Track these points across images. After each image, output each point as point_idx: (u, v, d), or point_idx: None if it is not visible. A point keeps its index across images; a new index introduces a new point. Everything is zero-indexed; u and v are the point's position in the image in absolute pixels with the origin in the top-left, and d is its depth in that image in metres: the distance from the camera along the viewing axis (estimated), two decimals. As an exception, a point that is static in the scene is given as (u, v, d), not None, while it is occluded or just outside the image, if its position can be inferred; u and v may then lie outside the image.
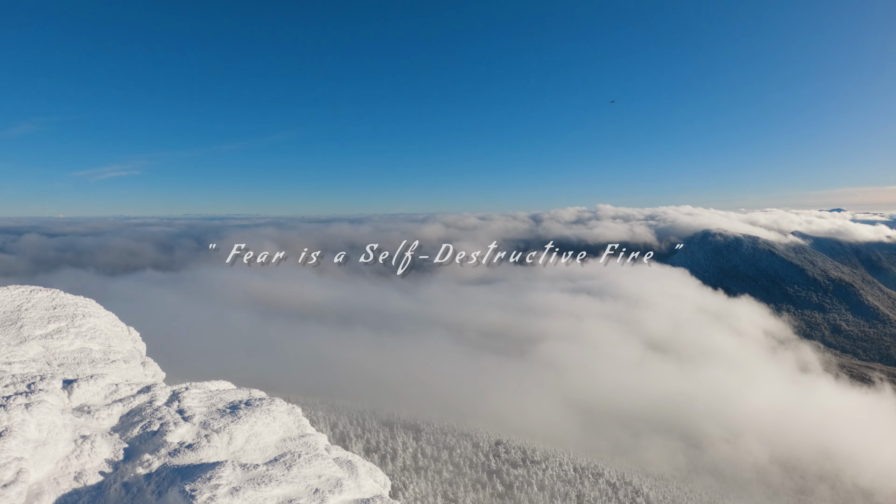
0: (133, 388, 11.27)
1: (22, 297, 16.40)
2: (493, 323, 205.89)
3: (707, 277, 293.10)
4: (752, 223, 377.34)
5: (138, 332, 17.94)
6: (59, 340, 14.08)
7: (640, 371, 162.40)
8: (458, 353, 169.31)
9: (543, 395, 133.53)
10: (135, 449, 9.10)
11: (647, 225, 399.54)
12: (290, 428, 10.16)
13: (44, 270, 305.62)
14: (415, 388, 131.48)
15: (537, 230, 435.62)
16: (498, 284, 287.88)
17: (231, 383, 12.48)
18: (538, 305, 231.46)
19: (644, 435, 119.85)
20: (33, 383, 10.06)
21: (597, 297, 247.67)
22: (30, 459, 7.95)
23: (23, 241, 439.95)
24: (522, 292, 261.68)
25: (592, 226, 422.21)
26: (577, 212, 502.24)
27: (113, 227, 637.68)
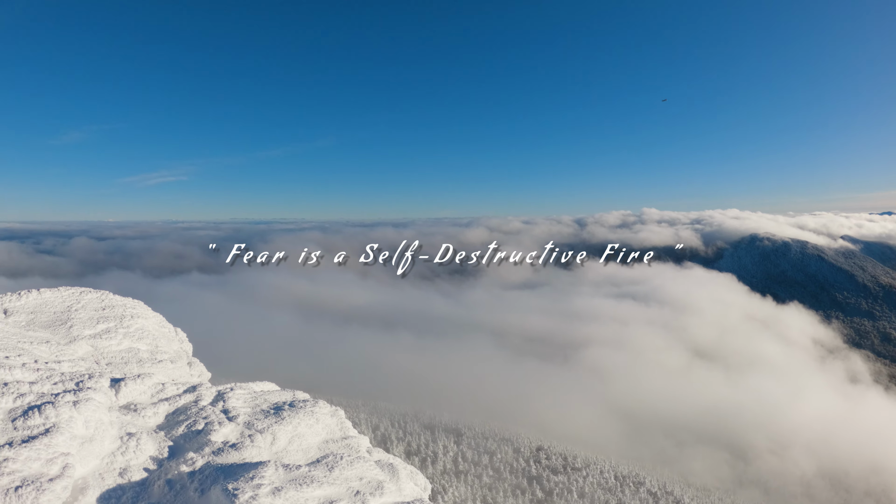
0: (179, 388, 11.43)
1: (72, 298, 16.74)
2: (537, 328, 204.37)
3: (754, 283, 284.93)
4: (800, 227, 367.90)
5: (184, 333, 18.21)
6: (107, 340, 14.33)
7: (686, 379, 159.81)
8: (501, 358, 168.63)
9: (587, 402, 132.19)
10: (179, 447, 9.22)
11: (692, 229, 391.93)
12: (333, 430, 10.20)
13: (92, 272, 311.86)
14: (457, 392, 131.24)
15: (582, 234, 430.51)
16: (542, 289, 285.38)
17: (275, 384, 12.57)
18: (582, 310, 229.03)
19: (688, 445, 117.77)
20: (81, 381, 10.21)
21: (642, 302, 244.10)
22: (76, 455, 8.07)
23: (72, 244, 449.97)
24: (566, 297, 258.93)
25: (637, 230, 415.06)
26: (622, 215, 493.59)
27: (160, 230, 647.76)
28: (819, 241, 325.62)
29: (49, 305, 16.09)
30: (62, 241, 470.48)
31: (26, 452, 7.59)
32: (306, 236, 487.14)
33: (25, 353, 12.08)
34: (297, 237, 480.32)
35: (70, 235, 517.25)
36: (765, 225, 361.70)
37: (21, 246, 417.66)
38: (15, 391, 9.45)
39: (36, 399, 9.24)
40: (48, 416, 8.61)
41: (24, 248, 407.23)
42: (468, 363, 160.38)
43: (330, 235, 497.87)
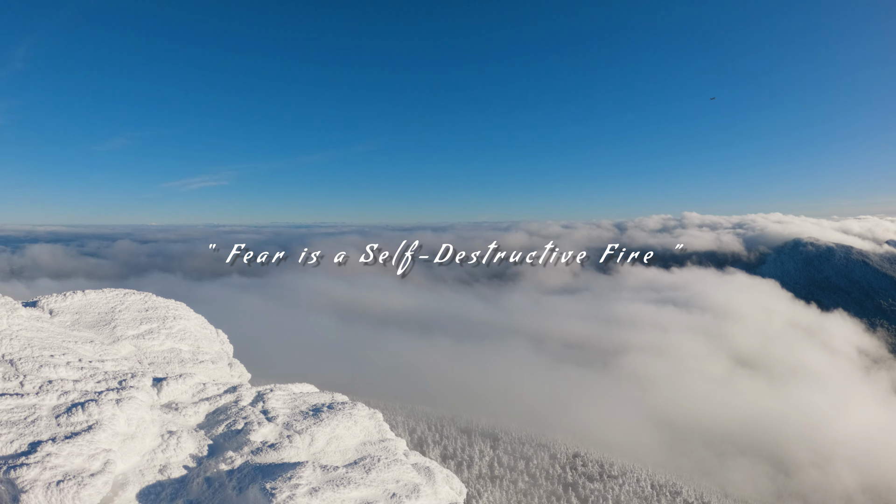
0: (220, 388, 11.60)
1: (116, 299, 17.02)
2: (576, 333, 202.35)
3: (798, 289, 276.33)
4: (844, 231, 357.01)
5: (225, 334, 18.43)
6: (150, 341, 14.56)
7: (727, 388, 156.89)
8: (540, 364, 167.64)
9: (625, 409, 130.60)
10: (219, 446, 9.34)
11: (734, 233, 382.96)
12: (371, 432, 10.25)
13: (134, 274, 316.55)
14: (494, 397, 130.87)
15: (621, 238, 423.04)
16: (581, 294, 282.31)
17: (314, 386, 12.67)
18: (622, 316, 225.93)
19: (729, 455, 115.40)
20: (124, 380, 10.43)
21: (682, 308, 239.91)
22: (117, 451, 8.25)
23: (116, 246, 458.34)
24: (606, 302, 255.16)
25: (678, 234, 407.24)
26: (663, 220, 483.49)
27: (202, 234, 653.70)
28: (864, 245, 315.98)
29: (94, 306, 16.37)
30: (106, 243, 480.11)
31: (69, 448, 7.77)
32: (345, 240, 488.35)
33: (70, 352, 12.30)
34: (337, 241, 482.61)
35: (113, 238, 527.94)
36: (808, 229, 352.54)
37: (66, 248, 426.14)
38: (59, 389, 9.66)
39: (80, 396, 9.45)
40: (91, 414, 8.80)
41: (68, 251, 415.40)
42: (506, 368, 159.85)
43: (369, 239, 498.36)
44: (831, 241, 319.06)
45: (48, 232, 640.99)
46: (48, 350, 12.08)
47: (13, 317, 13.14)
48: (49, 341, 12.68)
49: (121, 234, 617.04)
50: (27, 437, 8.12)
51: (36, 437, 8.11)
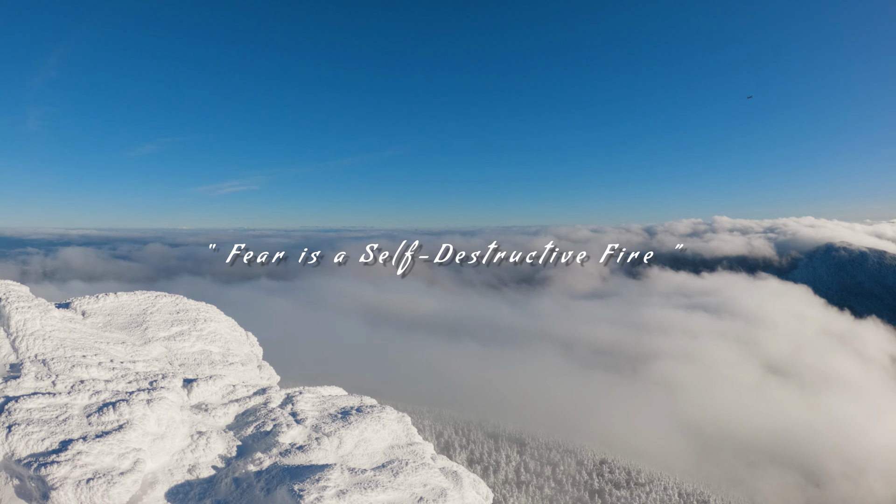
0: (249, 390, 11.71)
1: (148, 301, 17.22)
2: (605, 339, 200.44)
3: (830, 295, 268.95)
4: (878, 236, 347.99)
5: (255, 337, 18.56)
6: (181, 342, 14.70)
7: (758, 396, 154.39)
8: (568, 369, 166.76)
9: (654, 416, 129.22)
10: (247, 447, 9.38)
11: (766, 238, 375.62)
12: (399, 435, 10.24)
13: (164, 277, 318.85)
14: (522, 402, 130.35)
15: (651, 243, 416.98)
16: (610, 299, 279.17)
17: (343, 389, 12.70)
18: (651, 322, 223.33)
19: (759, 465, 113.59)
20: (155, 381, 10.56)
21: (713, 314, 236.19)
22: (147, 451, 8.36)
23: (147, 249, 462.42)
24: (635, 308, 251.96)
25: (708, 238, 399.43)
26: (693, 224, 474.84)
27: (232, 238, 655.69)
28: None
29: (125, 308, 16.57)
30: (137, 246, 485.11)
31: (99, 447, 7.89)
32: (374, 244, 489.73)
33: (102, 352, 12.46)
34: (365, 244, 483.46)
35: (145, 242, 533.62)
36: (841, 233, 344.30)
37: (98, 251, 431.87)
38: (91, 388, 9.79)
39: (111, 396, 9.58)
40: (122, 413, 8.92)
41: (100, 254, 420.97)
42: (534, 373, 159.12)
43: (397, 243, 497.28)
44: (864, 245, 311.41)
45: (81, 235, 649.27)
46: (80, 350, 12.25)
47: (46, 318, 13.32)
48: (81, 342, 12.85)
49: (152, 237, 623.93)
50: (58, 435, 8.24)
51: (67, 436, 8.24)
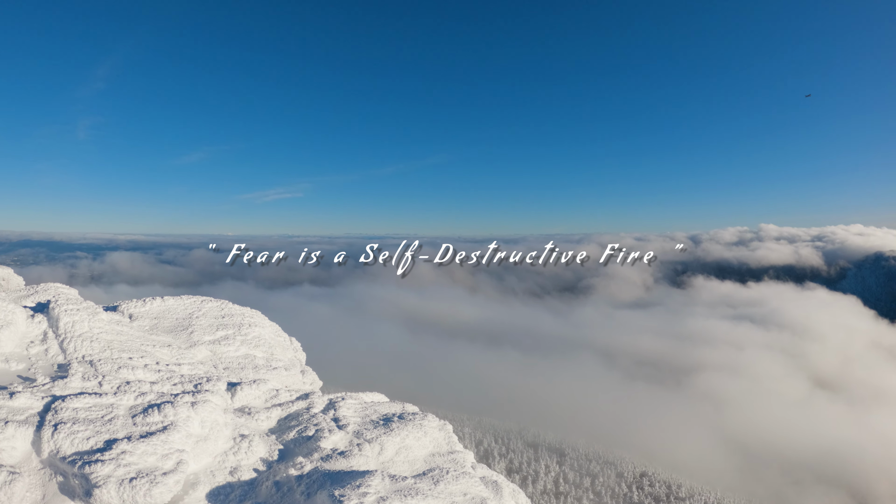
0: (292, 395, 11.77)
1: (194, 305, 17.52)
2: (648, 350, 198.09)
3: (880, 306, 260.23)
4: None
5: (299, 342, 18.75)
6: (225, 346, 14.91)
7: (805, 411, 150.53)
8: (610, 380, 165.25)
9: (697, 429, 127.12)
10: (289, 451, 9.45)
11: (813, 247, 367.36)
12: (440, 443, 10.21)
13: (208, 282, 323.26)
14: (562, 412, 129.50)
15: (696, 251, 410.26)
16: (654, 309, 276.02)
17: (385, 396, 12.73)
18: (696, 333, 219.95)
19: (805, 484, 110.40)
20: (200, 384, 10.68)
21: (759, 325, 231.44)
22: (190, 452, 8.47)
23: (192, 255, 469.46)
24: (679, 318, 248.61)
25: (754, 247, 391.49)
26: (738, 232, 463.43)
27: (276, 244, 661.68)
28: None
29: (172, 312, 16.86)
30: (183, 252, 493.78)
31: (143, 447, 8.01)
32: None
33: (148, 355, 12.67)
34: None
35: (190, 247, 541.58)
36: (891, 242, 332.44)
37: (144, 256, 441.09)
38: (137, 390, 9.95)
39: (156, 398, 9.70)
40: (167, 415, 9.03)
41: (146, 258, 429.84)
42: (575, 383, 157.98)
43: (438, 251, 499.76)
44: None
45: (128, 240, 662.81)
46: (127, 352, 12.47)
47: (94, 320, 13.59)
48: (128, 344, 13.08)
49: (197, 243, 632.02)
50: (103, 434, 8.37)
51: (112, 436, 8.36)
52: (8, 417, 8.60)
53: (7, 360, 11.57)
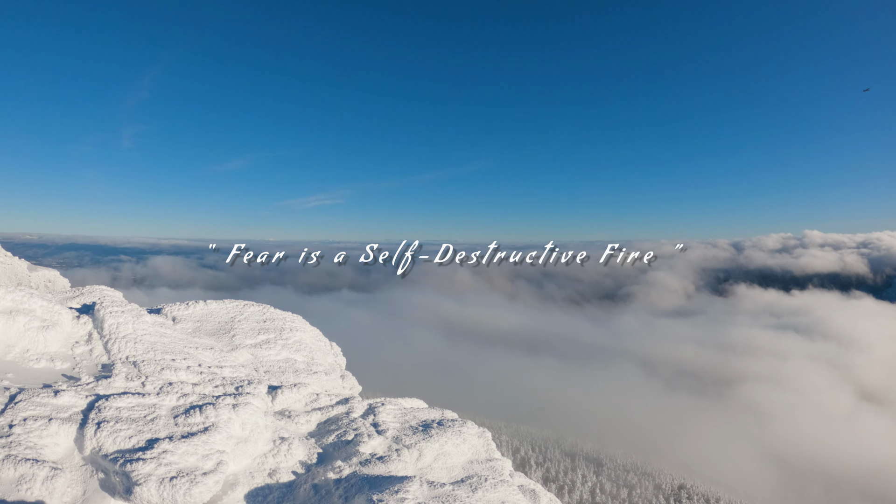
0: (332, 399, 11.83)
1: (236, 310, 17.78)
2: (689, 360, 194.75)
3: None
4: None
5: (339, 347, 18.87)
6: (266, 350, 15.08)
7: (851, 425, 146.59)
8: (649, 390, 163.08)
9: (738, 442, 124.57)
10: (328, 454, 9.50)
11: (859, 253, 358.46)
12: (479, 451, 10.20)
13: (247, 287, 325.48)
14: (600, 421, 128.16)
15: (738, 259, 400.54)
16: (695, 318, 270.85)
17: (424, 402, 12.74)
18: (738, 343, 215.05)
19: (850, 502, 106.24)
20: (241, 386, 10.83)
21: (804, 335, 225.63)
22: (230, 453, 8.61)
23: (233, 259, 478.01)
24: (721, 327, 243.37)
25: (798, 254, 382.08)
26: (782, 238, 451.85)
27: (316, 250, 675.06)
28: None
29: (214, 315, 17.11)
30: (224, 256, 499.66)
31: (184, 447, 8.16)
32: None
33: (191, 357, 12.85)
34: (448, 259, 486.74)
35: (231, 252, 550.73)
36: None
37: (186, 260, 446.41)
38: (179, 391, 10.09)
39: (198, 399, 9.85)
40: (208, 416, 9.14)
41: (188, 263, 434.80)
42: (614, 392, 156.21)
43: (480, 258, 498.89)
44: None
45: (171, 245, 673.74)
46: (170, 354, 12.66)
47: (138, 322, 13.82)
48: (171, 346, 13.29)
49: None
50: (145, 433, 8.54)
51: (153, 435, 8.53)
52: (52, 415, 8.83)
53: (52, 360, 11.87)
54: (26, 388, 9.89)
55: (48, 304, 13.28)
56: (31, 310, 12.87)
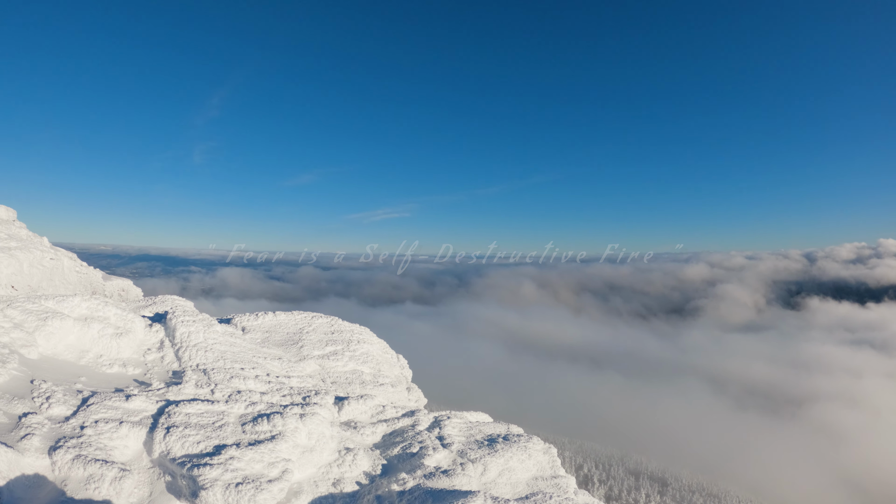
0: (398, 411, 11.91)
1: (304, 321, 18.07)
2: (759, 377, 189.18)
3: None
4: None
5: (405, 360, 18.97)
6: (334, 361, 15.26)
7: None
8: (717, 408, 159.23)
9: (810, 465, 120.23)
10: (392, 466, 9.51)
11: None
12: (544, 467, 10.09)
13: (312, 298, 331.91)
14: (666, 439, 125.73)
15: (811, 270, 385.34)
16: (766, 333, 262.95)
17: (489, 416, 12.67)
18: (811, 359, 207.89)
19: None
20: (308, 396, 10.99)
21: (880, 350, 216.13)
22: (296, 462, 8.73)
23: (299, 272, 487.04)
24: (793, 343, 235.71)
25: (873, 265, 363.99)
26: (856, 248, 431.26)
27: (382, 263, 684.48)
28: None
29: (283, 326, 17.44)
30: (291, 269, 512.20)
31: (251, 454, 8.32)
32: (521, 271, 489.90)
33: (259, 366, 13.06)
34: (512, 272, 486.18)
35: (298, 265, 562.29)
36: None
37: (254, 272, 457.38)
38: (247, 399, 10.27)
39: (266, 408, 10.03)
40: (275, 425, 9.30)
41: (255, 274, 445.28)
42: (680, 410, 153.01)
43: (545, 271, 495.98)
44: None
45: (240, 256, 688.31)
46: (239, 363, 12.88)
47: (209, 331, 14.14)
48: (240, 355, 13.52)
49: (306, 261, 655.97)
50: (213, 439, 8.75)
51: (221, 441, 8.73)
52: (123, 418, 9.18)
53: (124, 365, 12.29)
54: (99, 391, 10.26)
55: (122, 312, 13.72)
56: (106, 317, 13.34)
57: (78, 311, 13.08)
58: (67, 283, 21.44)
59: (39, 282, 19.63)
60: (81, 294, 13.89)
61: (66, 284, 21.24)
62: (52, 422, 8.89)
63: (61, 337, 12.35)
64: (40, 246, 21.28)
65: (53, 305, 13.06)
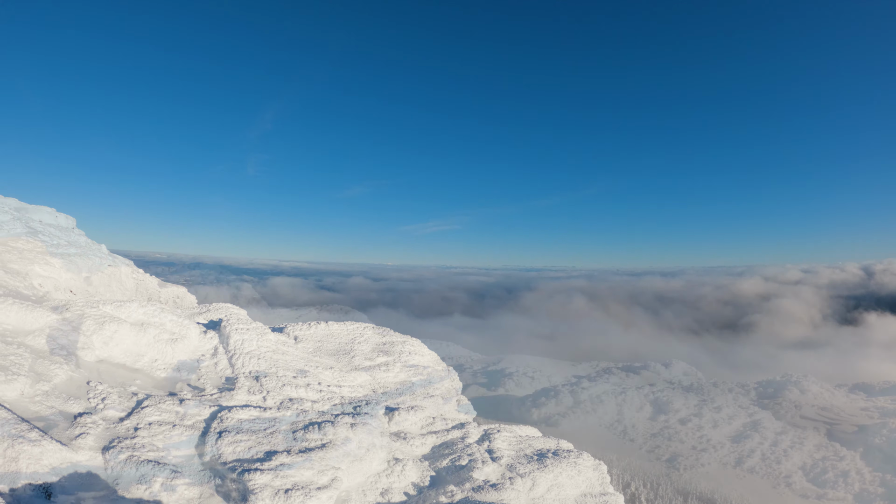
0: (448, 423, 11.94)
1: (356, 331, 18.23)
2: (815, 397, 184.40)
3: None
4: None
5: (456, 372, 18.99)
6: (385, 372, 15.34)
7: None
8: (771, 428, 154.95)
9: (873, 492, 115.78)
10: (441, 478, 9.46)
11: None
12: (593, 484, 9.98)
13: (360, 308, 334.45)
14: (717, 459, 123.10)
15: (869, 284, 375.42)
16: (822, 349, 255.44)
17: (538, 431, 12.59)
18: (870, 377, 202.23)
19: None
20: (359, 406, 11.09)
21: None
22: (345, 470, 8.71)
23: (350, 282, 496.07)
24: (851, 360, 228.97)
25: None
26: None
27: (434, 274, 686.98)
28: None
29: (335, 336, 17.61)
30: (341, 279, 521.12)
31: (301, 461, 8.35)
32: (572, 284, 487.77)
33: (311, 375, 13.17)
34: (563, 284, 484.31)
35: (349, 275, 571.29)
36: None
37: (305, 282, 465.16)
38: (299, 407, 10.37)
39: (317, 416, 10.10)
40: (326, 433, 9.32)
41: (306, 284, 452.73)
42: (732, 428, 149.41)
43: (595, 284, 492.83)
44: None
45: (292, 267, 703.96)
46: (291, 372, 13.02)
47: (262, 339, 14.34)
48: (292, 364, 13.67)
49: (357, 271, 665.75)
50: (264, 445, 8.82)
51: (272, 448, 8.79)
52: (175, 421, 9.37)
53: (178, 370, 12.59)
54: (153, 394, 10.49)
55: (177, 318, 14.00)
56: (161, 323, 13.62)
57: (134, 317, 13.39)
58: (125, 290, 21.98)
59: (97, 287, 20.15)
60: (138, 300, 14.23)
61: (123, 290, 21.78)
62: (106, 422, 9.13)
63: (118, 341, 12.66)
64: (98, 253, 21.91)
65: (111, 310, 13.38)
